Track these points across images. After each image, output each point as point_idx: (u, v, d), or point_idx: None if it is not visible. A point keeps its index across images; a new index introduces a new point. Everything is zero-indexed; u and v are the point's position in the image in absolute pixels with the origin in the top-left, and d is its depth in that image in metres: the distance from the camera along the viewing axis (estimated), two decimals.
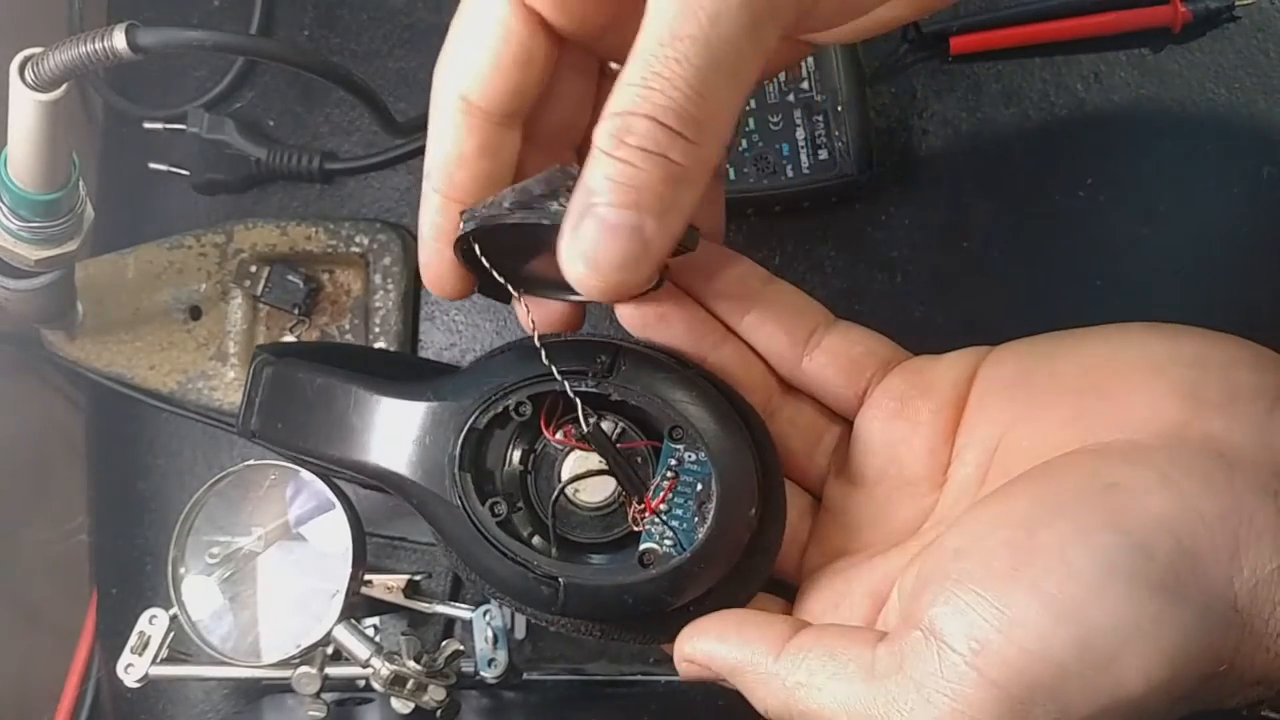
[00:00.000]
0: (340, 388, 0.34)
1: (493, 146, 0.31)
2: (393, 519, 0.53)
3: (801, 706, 0.29)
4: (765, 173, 0.49)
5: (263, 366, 0.35)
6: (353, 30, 0.57)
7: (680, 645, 0.32)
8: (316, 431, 0.34)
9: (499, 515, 0.32)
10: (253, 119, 0.56)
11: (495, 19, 0.29)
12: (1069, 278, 0.51)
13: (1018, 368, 0.33)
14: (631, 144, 0.26)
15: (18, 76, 0.38)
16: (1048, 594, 0.26)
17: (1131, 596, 0.26)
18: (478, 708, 0.48)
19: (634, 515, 0.32)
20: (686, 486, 0.32)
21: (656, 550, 0.32)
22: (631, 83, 0.26)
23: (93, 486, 0.57)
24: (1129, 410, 0.29)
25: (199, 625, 0.44)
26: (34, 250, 0.44)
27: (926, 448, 0.33)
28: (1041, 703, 0.25)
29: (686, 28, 0.25)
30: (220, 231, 0.54)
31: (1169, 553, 0.26)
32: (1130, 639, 0.25)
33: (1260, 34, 0.51)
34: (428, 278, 0.34)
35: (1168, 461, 0.28)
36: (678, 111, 0.26)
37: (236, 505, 0.45)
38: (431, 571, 0.52)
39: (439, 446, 0.33)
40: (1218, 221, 0.51)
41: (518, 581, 0.32)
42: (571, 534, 0.33)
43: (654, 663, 0.51)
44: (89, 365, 0.54)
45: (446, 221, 0.32)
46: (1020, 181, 0.52)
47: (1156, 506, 0.27)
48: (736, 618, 0.31)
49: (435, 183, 0.32)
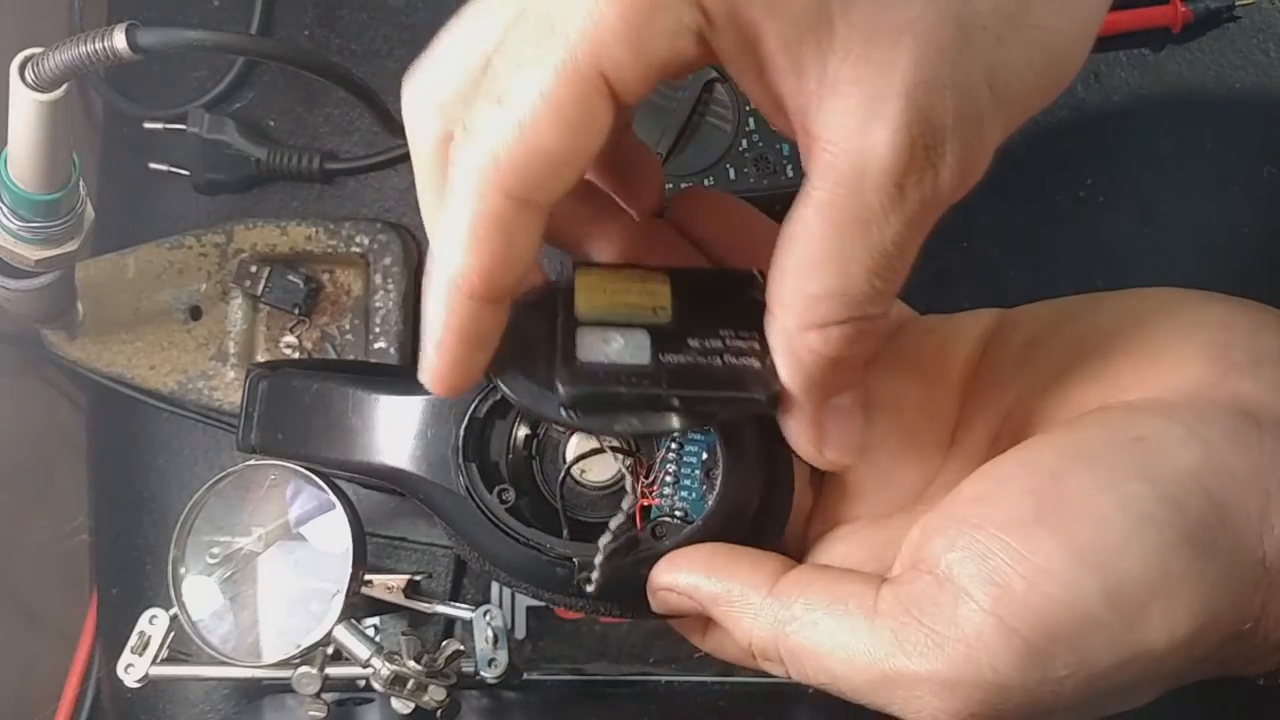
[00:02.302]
0: (337, 390, 0.34)
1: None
2: (393, 519, 0.53)
3: (793, 642, 0.27)
4: (765, 173, 0.49)
5: (258, 380, 0.35)
6: (353, 30, 0.57)
7: (659, 575, 0.30)
8: (317, 437, 0.34)
9: (507, 502, 0.32)
10: (253, 119, 0.56)
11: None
12: (1069, 278, 0.51)
13: (1035, 330, 0.32)
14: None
15: (18, 76, 0.38)
16: (1077, 541, 0.25)
17: (1162, 547, 0.25)
18: (478, 708, 0.48)
19: (641, 490, 0.32)
20: (692, 456, 0.32)
21: (667, 522, 0.32)
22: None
23: (93, 486, 0.57)
24: (1154, 371, 0.29)
25: (199, 625, 0.44)
26: (34, 250, 0.44)
27: (934, 410, 0.32)
28: (1062, 654, 0.25)
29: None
30: (220, 231, 0.54)
31: (1200, 505, 0.25)
32: (1158, 591, 0.25)
33: (1260, 34, 0.51)
34: (444, 380, 0.28)
35: (1196, 418, 0.27)
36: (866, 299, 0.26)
37: (236, 505, 0.45)
38: (431, 571, 0.52)
39: (441, 439, 0.33)
40: (1218, 221, 0.51)
41: (531, 566, 0.32)
42: (581, 514, 0.33)
43: (654, 663, 0.51)
44: (89, 365, 0.54)
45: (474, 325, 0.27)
46: (1020, 181, 0.52)
47: (1186, 459, 0.26)
48: (726, 550, 0.30)
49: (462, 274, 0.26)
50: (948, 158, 0.24)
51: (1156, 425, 0.27)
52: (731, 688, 0.49)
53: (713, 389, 0.28)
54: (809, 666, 0.27)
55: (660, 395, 0.27)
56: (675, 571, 0.30)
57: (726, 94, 0.49)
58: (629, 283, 0.29)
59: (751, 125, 0.50)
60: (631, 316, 0.28)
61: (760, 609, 0.28)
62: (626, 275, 0.30)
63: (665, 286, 0.30)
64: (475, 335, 0.27)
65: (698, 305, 0.29)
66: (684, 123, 0.50)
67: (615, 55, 0.24)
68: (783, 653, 0.28)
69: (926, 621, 0.26)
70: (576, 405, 0.27)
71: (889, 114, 0.23)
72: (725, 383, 0.28)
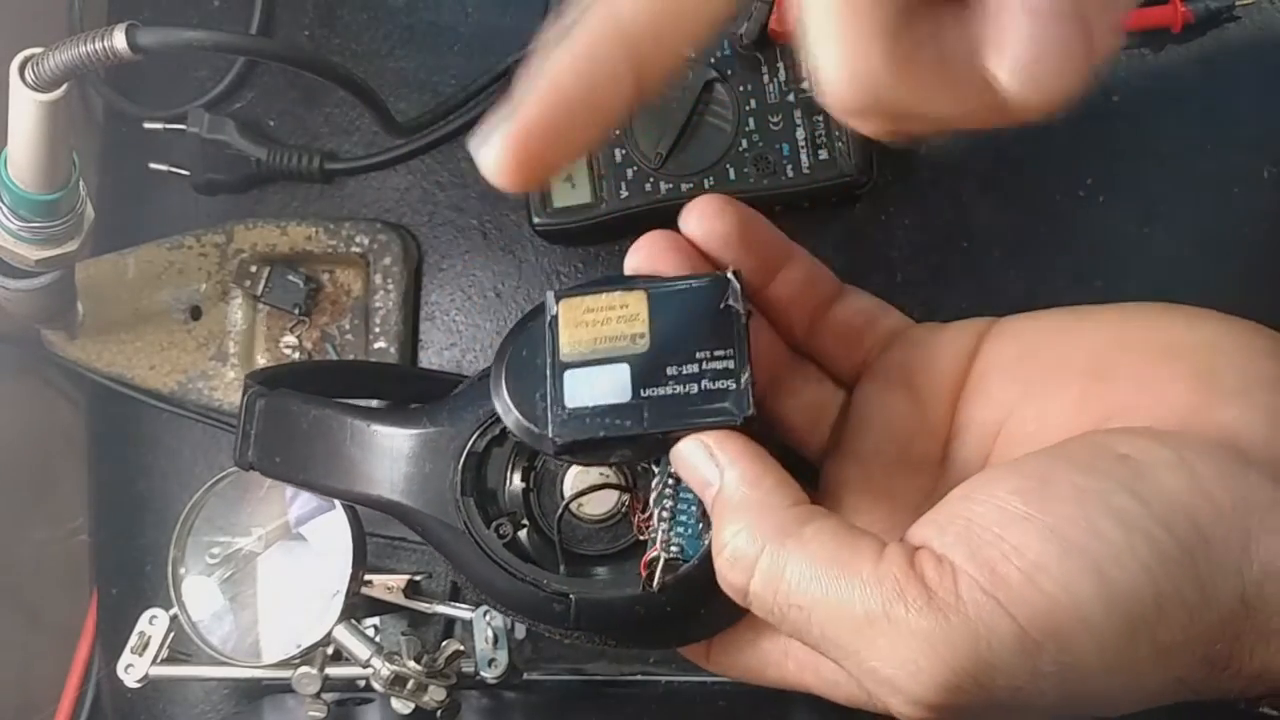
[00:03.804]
0: (335, 419, 0.34)
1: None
2: (393, 519, 0.53)
3: (788, 556, 0.27)
4: (765, 173, 0.49)
5: (255, 399, 0.35)
6: (353, 30, 0.57)
7: (691, 442, 0.29)
8: (316, 465, 0.34)
9: (505, 537, 0.33)
10: (253, 119, 0.56)
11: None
12: (1069, 278, 0.51)
13: (1023, 345, 0.32)
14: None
15: (18, 76, 0.38)
16: (1069, 542, 0.25)
17: (1152, 562, 0.25)
18: (478, 708, 0.48)
19: (639, 525, 0.32)
20: (688, 492, 0.31)
21: (663, 559, 0.32)
22: None
23: (93, 486, 0.57)
24: (1140, 397, 0.29)
25: (199, 625, 0.44)
26: (34, 250, 0.44)
27: (925, 424, 0.32)
28: (1052, 650, 0.25)
29: None
30: (220, 231, 0.54)
31: (1185, 531, 0.25)
32: (1147, 604, 0.25)
33: (1260, 34, 0.51)
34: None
35: (1183, 445, 0.27)
36: None
37: (236, 505, 0.45)
38: (431, 571, 0.52)
39: (440, 474, 0.33)
40: (1218, 221, 0.51)
41: (529, 600, 0.32)
42: (578, 547, 0.33)
43: (654, 663, 0.51)
44: (89, 365, 0.54)
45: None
46: (1020, 181, 0.52)
47: (1172, 484, 0.26)
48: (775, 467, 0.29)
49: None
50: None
51: (1144, 446, 0.27)
52: (731, 688, 0.49)
53: (691, 418, 0.29)
54: (791, 586, 0.26)
55: (642, 434, 0.29)
56: (720, 444, 0.29)
57: (726, 94, 0.49)
58: (609, 310, 0.30)
59: (751, 125, 0.50)
60: (611, 351, 0.30)
61: (769, 511, 0.27)
62: (606, 299, 0.31)
63: (643, 306, 0.30)
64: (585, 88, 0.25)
65: (675, 326, 0.30)
66: (684, 123, 0.50)
67: None
68: (770, 565, 0.27)
69: (929, 583, 0.25)
70: (567, 451, 0.30)
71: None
72: (702, 409, 0.29)
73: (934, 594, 0.25)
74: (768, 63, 0.50)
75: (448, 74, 0.55)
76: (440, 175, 0.55)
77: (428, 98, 0.55)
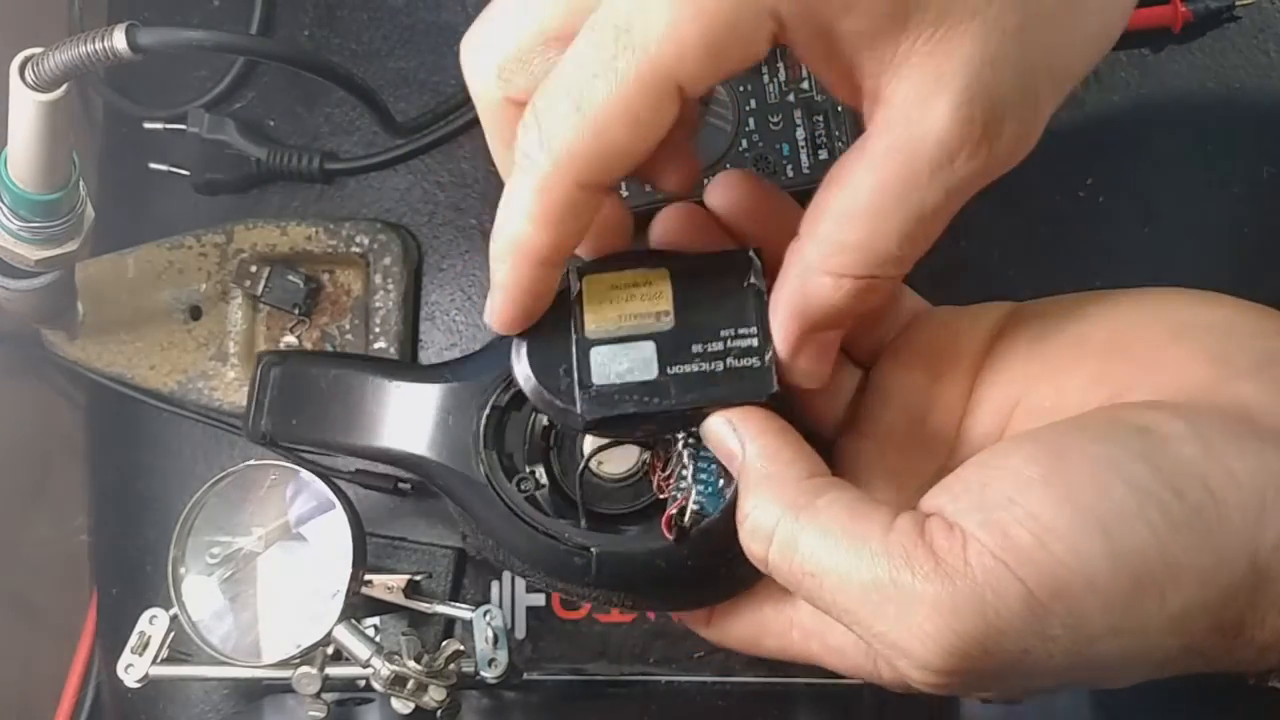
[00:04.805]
0: (356, 376, 0.35)
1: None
2: (393, 519, 0.53)
3: (806, 525, 0.27)
4: (765, 173, 0.49)
5: (269, 368, 0.36)
6: (353, 30, 0.57)
7: (716, 419, 0.30)
8: (334, 423, 0.35)
9: (526, 491, 0.33)
10: (253, 119, 0.56)
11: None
12: (1069, 278, 0.51)
13: (1041, 326, 0.32)
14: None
15: (18, 76, 0.38)
16: (1081, 506, 0.25)
17: (1163, 526, 0.25)
18: (478, 708, 0.48)
19: (659, 484, 0.33)
20: (708, 451, 0.32)
21: (688, 509, 0.32)
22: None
23: (93, 486, 0.57)
24: (1156, 373, 0.29)
25: (199, 625, 0.44)
26: (34, 250, 0.44)
27: (941, 402, 0.33)
28: (1061, 613, 0.25)
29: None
30: (220, 231, 0.54)
31: (1198, 497, 0.25)
32: (1157, 567, 0.25)
33: (1260, 34, 0.51)
34: (508, 324, 0.31)
35: (1198, 417, 0.27)
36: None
37: (236, 505, 0.45)
38: (431, 571, 0.52)
39: (462, 426, 0.33)
40: (1218, 221, 0.51)
41: (549, 555, 0.32)
42: (598, 506, 0.33)
43: (654, 663, 0.51)
44: (89, 365, 0.54)
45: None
46: (1020, 181, 0.52)
47: (1187, 454, 0.26)
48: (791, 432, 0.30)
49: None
50: (1004, 133, 0.26)
51: (1159, 419, 0.27)
52: (731, 688, 0.49)
53: (717, 395, 0.30)
54: (805, 555, 0.27)
55: (669, 410, 0.30)
56: (742, 420, 0.30)
57: (726, 94, 0.49)
58: (632, 286, 0.31)
59: (751, 125, 0.49)
60: (637, 329, 0.30)
61: (786, 484, 0.28)
62: (630, 276, 0.31)
63: (666, 284, 0.31)
64: (536, 290, 0.30)
65: (699, 302, 0.31)
66: None
67: (691, 69, 0.25)
68: (785, 535, 0.28)
69: (938, 551, 0.26)
70: (595, 427, 0.30)
71: (952, 89, 0.25)
72: (728, 387, 0.30)
73: (941, 560, 0.25)
74: (768, 63, 0.50)
75: (448, 74, 0.55)
76: (440, 175, 0.55)
77: (428, 98, 0.55)
